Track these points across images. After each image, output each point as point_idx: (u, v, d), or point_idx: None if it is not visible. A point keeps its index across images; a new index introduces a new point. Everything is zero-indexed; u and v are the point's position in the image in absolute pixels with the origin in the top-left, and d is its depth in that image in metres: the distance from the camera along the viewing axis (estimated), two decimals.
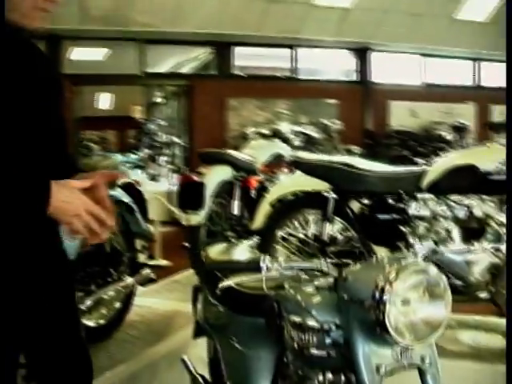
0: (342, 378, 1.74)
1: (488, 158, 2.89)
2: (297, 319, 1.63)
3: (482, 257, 2.92)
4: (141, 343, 2.89)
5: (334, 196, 3.19)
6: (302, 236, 3.45)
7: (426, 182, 3.02)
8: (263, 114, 8.98)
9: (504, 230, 2.87)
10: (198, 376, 2.69)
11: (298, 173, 3.32)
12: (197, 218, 3.80)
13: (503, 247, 2.83)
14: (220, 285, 1.78)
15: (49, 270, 1.58)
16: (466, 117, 9.85)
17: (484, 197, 2.94)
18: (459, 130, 9.33)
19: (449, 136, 9.23)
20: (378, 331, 1.41)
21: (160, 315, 3.43)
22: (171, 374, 3.17)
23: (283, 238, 3.42)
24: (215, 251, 2.66)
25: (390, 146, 9.40)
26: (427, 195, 3.04)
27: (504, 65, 11.24)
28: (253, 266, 1.63)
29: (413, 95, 10.24)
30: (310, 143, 5.96)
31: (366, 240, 3.13)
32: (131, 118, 9.65)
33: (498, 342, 3.02)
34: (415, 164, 3.94)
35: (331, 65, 10.60)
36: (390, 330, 1.39)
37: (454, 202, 2.98)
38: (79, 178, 1.57)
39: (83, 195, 1.45)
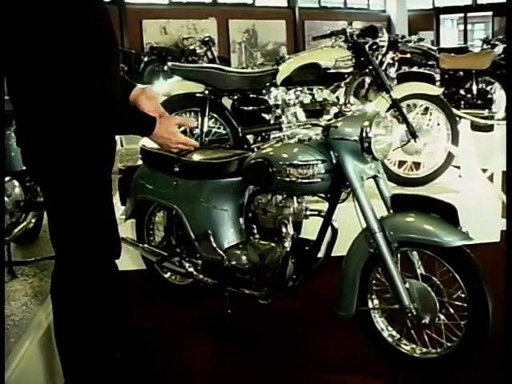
0: (304, 205, 2.69)
1: (325, 57, 3.90)
2: (289, 162, 2.47)
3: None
4: None
5: (209, 95, 3.96)
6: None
7: (280, 78, 3.94)
8: None
9: (334, 108, 3.98)
10: (143, 245, 3.34)
11: (176, 78, 3.97)
12: None
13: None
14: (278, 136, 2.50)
15: None
16: (210, 31, 10.92)
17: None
18: (207, 43, 10.36)
19: (199, 50, 10.22)
20: (365, 154, 2.36)
21: None
22: None
23: None
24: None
25: (149, 62, 10.04)
26: (280, 88, 3.99)
27: None
28: (276, 127, 2.41)
29: (162, 13, 10.92)
30: None
31: (237, 128, 3.96)
32: None
33: None
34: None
35: None
36: (374, 152, 2.34)
37: (300, 91, 3.98)
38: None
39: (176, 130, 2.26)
